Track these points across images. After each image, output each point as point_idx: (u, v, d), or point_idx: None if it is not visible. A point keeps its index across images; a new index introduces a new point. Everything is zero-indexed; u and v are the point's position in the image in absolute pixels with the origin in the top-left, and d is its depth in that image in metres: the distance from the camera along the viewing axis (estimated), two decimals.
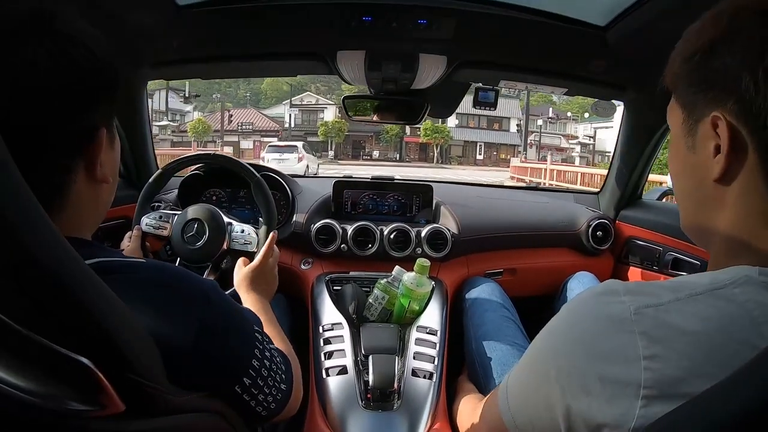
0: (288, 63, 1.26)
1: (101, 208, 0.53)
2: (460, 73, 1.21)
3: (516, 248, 1.43)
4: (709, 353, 0.36)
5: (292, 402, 0.65)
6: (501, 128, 31.11)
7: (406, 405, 0.88)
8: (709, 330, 0.37)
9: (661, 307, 0.38)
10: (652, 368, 0.36)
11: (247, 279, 0.89)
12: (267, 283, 0.92)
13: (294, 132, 28.22)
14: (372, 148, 30.83)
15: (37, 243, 0.30)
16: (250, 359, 0.54)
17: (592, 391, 0.39)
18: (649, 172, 1.40)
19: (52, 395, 0.32)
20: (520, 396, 0.50)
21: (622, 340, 0.38)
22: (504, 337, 1.03)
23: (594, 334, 0.40)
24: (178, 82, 22.10)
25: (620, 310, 0.39)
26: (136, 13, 1.01)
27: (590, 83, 1.22)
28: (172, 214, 1.06)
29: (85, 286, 0.33)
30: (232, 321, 0.53)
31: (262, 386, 0.56)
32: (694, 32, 0.43)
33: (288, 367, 0.64)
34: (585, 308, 0.43)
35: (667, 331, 0.37)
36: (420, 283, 1.07)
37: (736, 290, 0.38)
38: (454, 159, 30.11)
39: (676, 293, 0.39)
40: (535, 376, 0.47)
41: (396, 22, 1.03)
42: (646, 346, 0.37)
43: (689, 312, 0.38)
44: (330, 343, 1.01)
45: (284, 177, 1.42)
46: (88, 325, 0.33)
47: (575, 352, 0.41)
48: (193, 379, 0.46)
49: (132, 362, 0.36)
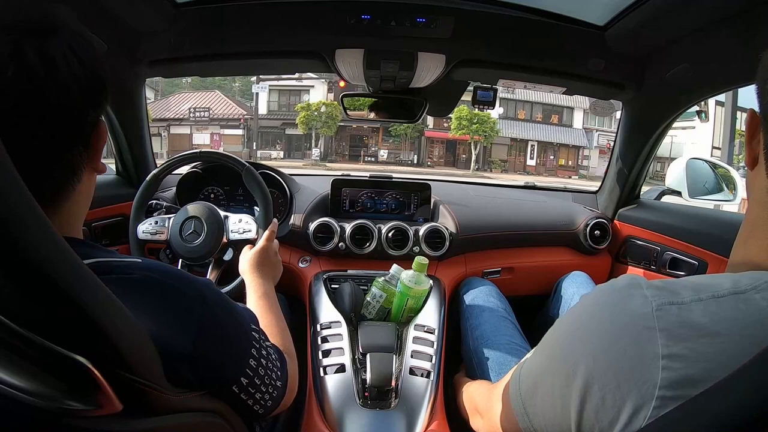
0: (286, 61, 1.26)
1: (89, 202, 0.54)
2: (459, 71, 1.20)
3: (514, 247, 1.43)
4: (730, 356, 0.35)
5: (286, 397, 0.65)
6: (561, 122, 20.77)
7: (403, 403, 0.89)
8: (731, 332, 0.36)
9: (684, 305, 0.37)
10: (670, 368, 0.35)
11: (253, 261, 0.90)
12: (272, 265, 0.93)
13: (265, 122, 20.30)
14: (377, 146, 21.50)
15: (34, 242, 0.30)
16: (248, 359, 0.54)
17: (606, 387, 0.38)
18: (647, 171, 1.41)
19: (50, 394, 0.32)
20: (533, 387, 0.49)
21: (641, 336, 0.37)
22: (502, 337, 1.04)
23: (612, 328, 0.39)
24: None
25: (642, 304, 0.38)
26: (135, 10, 1.01)
27: (589, 82, 1.22)
28: (167, 218, 1.06)
29: (83, 285, 0.33)
30: (229, 321, 0.53)
31: (259, 385, 0.56)
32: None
33: (283, 363, 0.65)
34: (605, 300, 0.42)
35: (688, 331, 0.36)
36: (418, 281, 1.07)
37: (757, 295, 0.37)
38: (495, 163, 20.57)
39: (698, 293, 0.38)
40: (550, 369, 0.46)
41: (395, 20, 1.03)
42: (665, 345, 0.36)
43: (712, 313, 0.37)
44: (328, 342, 1.01)
45: (282, 175, 1.42)
46: (86, 325, 0.33)
47: (591, 346, 0.40)
48: (192, 380, 0.46)
49: (129, 362, 0.36)
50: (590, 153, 20.28)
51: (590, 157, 19.99)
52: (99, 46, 1.02)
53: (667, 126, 1.24)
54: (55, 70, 0.41)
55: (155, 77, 1.41)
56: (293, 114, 19.65)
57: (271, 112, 20.67)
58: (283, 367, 0.64)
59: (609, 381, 0.38)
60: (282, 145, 20.69)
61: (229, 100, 21.28)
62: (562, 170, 20.27)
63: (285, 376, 0.64)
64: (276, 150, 20.37)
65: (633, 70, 1.16)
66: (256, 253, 0.91)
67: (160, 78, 7.33)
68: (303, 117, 18.72)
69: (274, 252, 0.95)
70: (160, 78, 7.33)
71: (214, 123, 19.98)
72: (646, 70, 1.14)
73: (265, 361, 0.57)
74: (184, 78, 20.80)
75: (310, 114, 18.74)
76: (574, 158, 20.67)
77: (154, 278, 0.47)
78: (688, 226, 1.20)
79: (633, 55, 1.12)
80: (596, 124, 19.79)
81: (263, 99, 20.47)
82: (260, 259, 0.91)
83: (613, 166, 1.44)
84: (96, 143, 0.48)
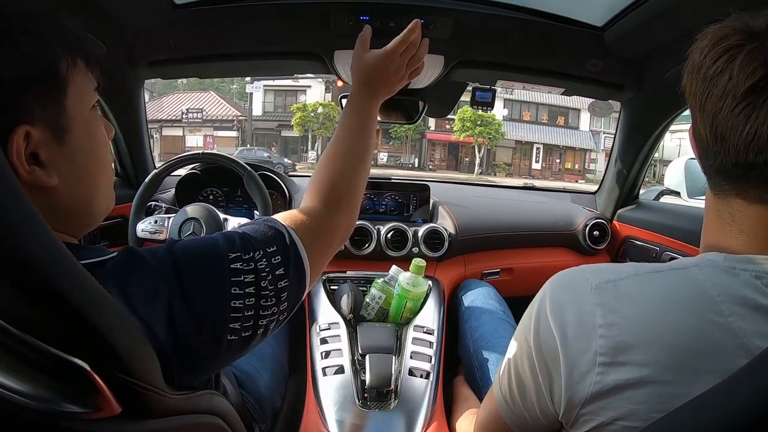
0: (285, 62, 1.25)
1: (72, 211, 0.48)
2: (458, 72, 1.20)
3: (513, 248, 1.43)
4: (663, 322, 0.38)
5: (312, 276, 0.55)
6: (567, 124, 19.97)
7: (403, 404, 0.89)
8: (664, 300, 0.39)
9: (620, 281, 0.42)
10: (606, 336, 0.39)
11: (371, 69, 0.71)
12: (394, 75, 0.73)
13: (260, 123, 19.58)
14: (376, 148, 18.63)
15: (32, 245, 0.30)
16: (229, 312, 0.46)
17: (559, 361, 0.42)
18: (646, 172, 1.41)
19: (48, 397, 0.32)
20: (510, 378, 0.52)
21: (582, 312, 0.41)
22: (501, 339, 1.03)
23: (557, 306, 0.44)
24: None
25: (583, 283, 0.43)
26: (133, 11, 1.01)
27: (588, 83, 1.22)
28: (167, 218, 1.06)
29: (80, 288, 0.33)
30: (202, 282, 0.45)
31: (256, 312, 0.48)
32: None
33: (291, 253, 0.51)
34: (553, 286, 0.47)
35: (622, 301, 0.40)
36: (416, 283, 1.07)
37: (698, 271, 0.40)
38: (500, 167, 19.83)
39: (637, 270, 0.42)
40: (519, 355, 0.50)
41: (393, 21, 1.03)
42: (602, 315, 0.40)
43: (647, 284, 0.41)
44: (327, 343, 1.01)
45: (281, 176, 1.42)
46: (84, 328, 0.33)
47: (544, 325, 0.44)
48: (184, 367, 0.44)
49: (127, 364, 0.36)
50: (597, 156, 19.47)
51: (597, 161, 19.18)
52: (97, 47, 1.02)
53: (666, 126, 1.24)
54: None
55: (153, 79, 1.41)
56: (289, 115, 18.83)
57: (267, 113, 20.01)
58: (286, 266, 0.51)
59: (562, 360, 0.42)
60: (277, 147, 19.81)
61: (224, 101, 20.44)
62: (569, 174, 19.53)
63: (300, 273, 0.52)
64: (271, 152, 19.01)
65: (632, 71, 1.16)
66: (378, 59, 0.70)
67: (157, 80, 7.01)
68: (299, 118, 18.03)
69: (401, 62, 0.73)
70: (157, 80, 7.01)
71: (208, 124, 19.25)
72: (644, 71, 1.14)
73: (254, 288, 0.47)
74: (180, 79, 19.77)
75: (306, 115, 18.08)
76: (581, 161, 19.98)
77: (121, 265, 0.44)
78: (687, 227, 1.20)
79: (632, 56, 1.12)
80: (603, 126, 18.70)
81: (258, 99, 19.90)
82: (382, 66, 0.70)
83: (612, 166, 1.44)
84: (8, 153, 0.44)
